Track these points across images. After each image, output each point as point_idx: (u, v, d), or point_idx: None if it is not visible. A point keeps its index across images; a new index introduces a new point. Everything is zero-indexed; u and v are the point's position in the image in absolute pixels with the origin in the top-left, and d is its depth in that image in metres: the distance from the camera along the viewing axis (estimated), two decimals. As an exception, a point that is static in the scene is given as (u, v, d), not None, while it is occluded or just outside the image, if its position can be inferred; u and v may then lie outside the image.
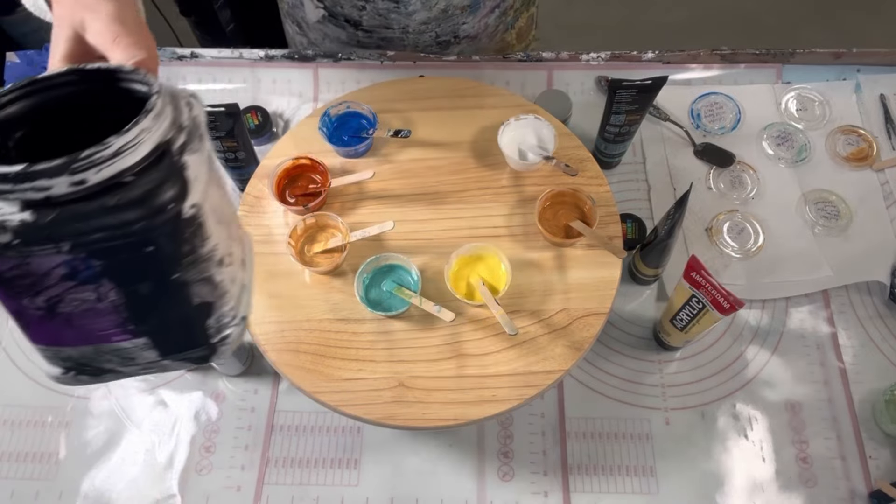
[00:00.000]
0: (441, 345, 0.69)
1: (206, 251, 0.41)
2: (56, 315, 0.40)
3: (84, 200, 0.36)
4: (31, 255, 0.37)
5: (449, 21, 0.92)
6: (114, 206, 0.36)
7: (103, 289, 0.39)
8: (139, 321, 0.42)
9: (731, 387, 0.78)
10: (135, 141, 0.36)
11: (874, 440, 0.75)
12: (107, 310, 0.40)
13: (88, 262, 0.38)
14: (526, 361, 0.67)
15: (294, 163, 0.77)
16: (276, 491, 0.74)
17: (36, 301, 0.39)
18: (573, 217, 0.74)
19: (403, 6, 0.88)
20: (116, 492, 0.74)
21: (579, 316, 0.70)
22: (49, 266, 0.37)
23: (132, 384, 0.79)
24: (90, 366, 0.44)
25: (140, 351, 0.43)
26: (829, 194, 0.89)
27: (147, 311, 0.42)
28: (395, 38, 0.94)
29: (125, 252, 0.38)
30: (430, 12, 0.89)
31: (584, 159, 0.78)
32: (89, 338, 0.42)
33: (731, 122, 0.95)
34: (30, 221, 0.35)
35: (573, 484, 0.73)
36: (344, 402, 0.66)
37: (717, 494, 0.73)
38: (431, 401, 0.66)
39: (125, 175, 0.36)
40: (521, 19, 1.02)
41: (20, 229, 0.35)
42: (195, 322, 0.44)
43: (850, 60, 0.97)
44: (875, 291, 0.83)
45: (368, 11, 0.90)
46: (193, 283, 0.42)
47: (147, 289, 0.40)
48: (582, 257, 0.73)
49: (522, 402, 0.65)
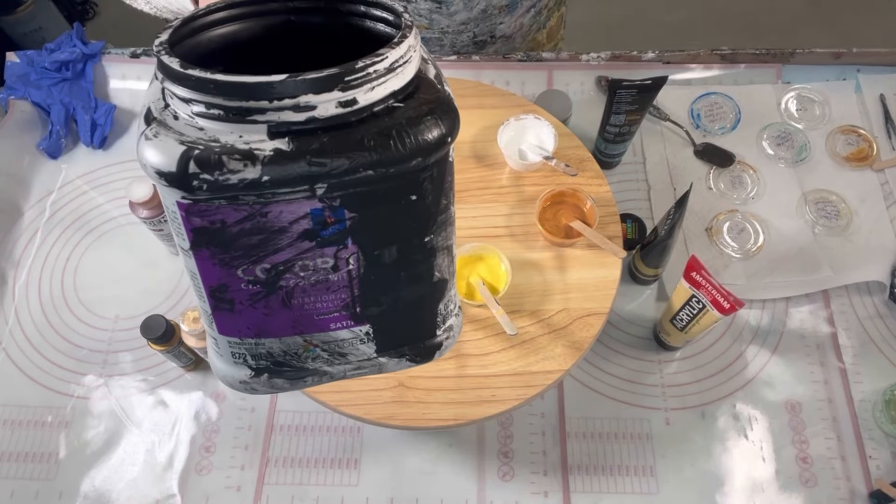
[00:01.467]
0: None
1: (453, 210, 0.35)
2: (274, 291, 0.33)
3: (352, 126, 0.29)
4: (274, 202, 0.29)
5: (487, 21, 0.92)
6: (389, 133, 0.29)
7: (344, 252, 0.32)
8: (370, 301, 0.35)
9: (731, 387, 0.78)
10: (406, 57, 0.30)
11: (874, 440, 0.75)
12: (339, 283, 0.33)
13: (339, 214, 0.31)
14: (526, 361, 0.67)
15: None
16: (276, 491, 0.74)
17: (254, 271, 0.32)
18: (573, 217, 0.74)
19: (446, 7, 0.88)
20: (116, 492, 0.74)
21: (579, 316, 0.70)
22: (291, 218, 0.30)
23: (132, 384, 0.79)
24: (290, 365, 0.37)
25: (357, 343, 0.37)
26: (829, 194, 0.89)
27: (383, 288, 0.35)
28: (432, 38, 0.94)
29: (385, 201, 0.31)
30: (470, 13, 0.89)
31: (584, 159, 0.78)
32: (305, 324, 0.35)
33: (731, 122, 0.95)
34: (286, 151, 0.28)
35: (573, 484, 0.73)
36: (344, 401, 0.66)
37: (717, 494, 0.72)
38: (431, 401, 0.66)
39: (393, 99, 0.30)
40: (553, 19, 1.02)
41: (273, 162, 0.28)
42: (428, 304, 0.37)
43: (850, 60, 0.97)
44: (875, 291, 0.83)
45: (409, 12, 0.90)
46: (440, 251, 0.35)
47: (392, 255, 0.34)
48: (582, 257, 0.73)
49: (522, 402, 0.65)
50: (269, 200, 0.29)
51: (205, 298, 0.34)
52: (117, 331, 0.83)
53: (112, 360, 0.81)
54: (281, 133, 0.28)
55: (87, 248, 0.88)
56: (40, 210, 0.91)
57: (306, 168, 0.28)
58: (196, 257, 0.32)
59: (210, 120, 0.28)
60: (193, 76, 0.27)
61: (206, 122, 0.28)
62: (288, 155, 0.28)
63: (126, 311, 0.84)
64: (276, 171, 0.28)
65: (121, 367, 0.80)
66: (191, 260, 0.32)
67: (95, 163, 0.95)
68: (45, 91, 0.95)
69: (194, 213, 0.30)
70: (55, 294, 0.85)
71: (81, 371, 0.80)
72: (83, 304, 0.85)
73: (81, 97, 0.96)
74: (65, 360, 0.81)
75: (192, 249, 0.32)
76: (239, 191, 0.28)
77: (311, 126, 0.28)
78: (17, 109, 0.95)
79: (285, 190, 0.29)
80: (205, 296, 0.34)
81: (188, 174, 0.28)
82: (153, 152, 0.28)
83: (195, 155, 0.28)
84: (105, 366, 0.81)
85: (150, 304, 0.84)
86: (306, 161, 0.28)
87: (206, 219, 0.30)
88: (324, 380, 0.38)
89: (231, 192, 0.28)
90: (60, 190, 0.93)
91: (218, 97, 0.27)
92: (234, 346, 0.36)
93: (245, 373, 0.37)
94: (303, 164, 0.28)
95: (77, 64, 0.97)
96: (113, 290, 0.85)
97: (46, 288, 0.86)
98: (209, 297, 0.34)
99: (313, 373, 0.38)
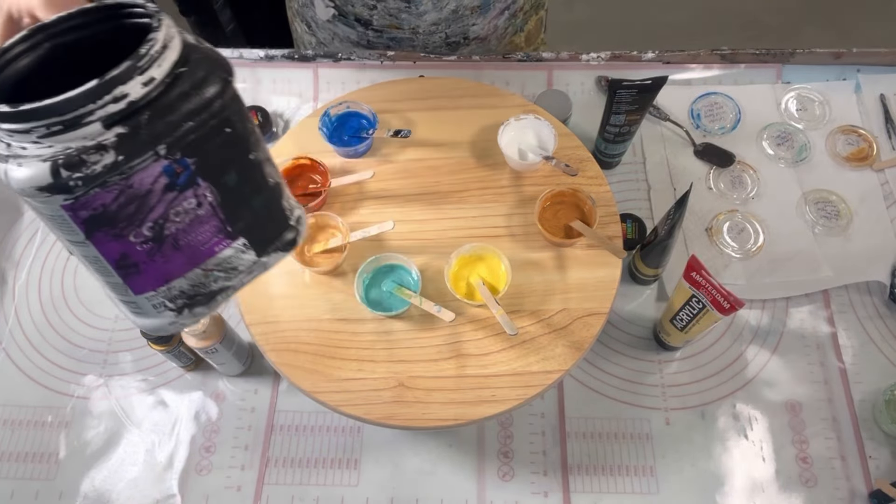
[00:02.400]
0: (441, 345, 0.69)
1: (258, 132, 0.44)
2: (164, 241, 0.41)
3: (161, 96, 0.37)
4: (133, 172, 0.38)
5: (459, 22, 0.92)
6: (189, 90, 0.38)
7: (200, 189, 0.41)
8: (234, 218, 0.44)
9: (731, 387, 0.78)
10: (170, 34, 0.38)
11: (874, 440, 0.75)
12: (207, 215, 0.42)
13: (184, 162, 0.39)
14: (526, 361, 0.67)
15: (294, 163, 0.77)
16: (276, 491, 0.74)
17: (142, 231, 0.40)
18: (573, 217, 0.74)
19: (414, 6, 0.88)
20: (116, 492, 0.74)
21: (579, 316, 0.70)
22: (151, 178, 0.39)
23: (132, 384, 0.79)
24: (201, 293, 0.45)
25: (240, 255, 0.46)
26: (829, 194, 0.89)
27: (238, 205, 0.44)
28: (404, 38, 0.94)
29: (211, 139, 0.40)
30: (440, 13, 0.89)
31: (584, 159, 0.78)
32: (196, 256, 0.44)
33: (731, 122, 0.95)
34: (126, 133, 0.36)
35: (573, 484, 0.73)
36: (344, 402, 0.66)
37: (717, 494, 0.72)
38: (431, 401, 0.66)
39: (179, 66, 0.38)
40: (531, 22, 1.02)
41: (119, 143, 0.36)
42: (276, 204, 0.47)
43: (850, 60, 0.97)
44: (875, 291, 0.83)
45: (379, 11, 0.90)
46: (265, 162, 0.45)
47: (234, 179, 0.43)
48: (582, 257, 0.73)
49: (522, 402, 0.65)
50: (130, 173, 0.37)
51: (112, 273, 0.41)
52: (117, 331, 0.83)
53: (112, 360, 0.81)
54: (114, 122, 0.36)
55: (87, 248, 0.88)
56: (40, 210, 0.91)
57: (145, 138, 0.37)
58: (94, 243, 0.39)
59: (55, 136, 0.35)
60: (26, 109, 0.34)
61: (52, 139, 0.35)
62: (128, 135, 0.36)
63: (126, 311, 0.84)
64: (125, 150, 0.36)
65: (121, 367, 0.80)
66: (90, 247, 0.40)
67: (95, 163, 0.94)
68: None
69: (78, 208, 0.37)
70: (55, 294, 0.85)
71: (81, 371, 0.80)
72: (83, 304, 0.85)
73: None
74: (65, 360, 0.81)
75: (88, 238, 0.39)
76: (105, 176, 0.36)
77: (132, 108, 0.36)
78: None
79: (137, 161, 0.37)
80: (112, 271, 0.41)
81: (62, 179, 0.35)
82: (26, 175, 0.35)
83: (61, 163, 0.35)
84: (105, 366, 0.81)
85: (150, 304, 0.84)
86: (142, 134, 0.37)
87: (88, 209, 0.37)
88: (230, 293, 0.47)
89: (100, 179, 0.36)
90: (60, 190, 0.92)
91: (51, 117, 0.35)
92: (152, 300, 0.44)
93: (169, 316, 0.45)
94: (141, 137, 0.37)
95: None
96: (113, 290, 0.85)
97: (46, 288, 0.86)
98: (116, 270, 0.41)
99: (220, 291, 0.46)
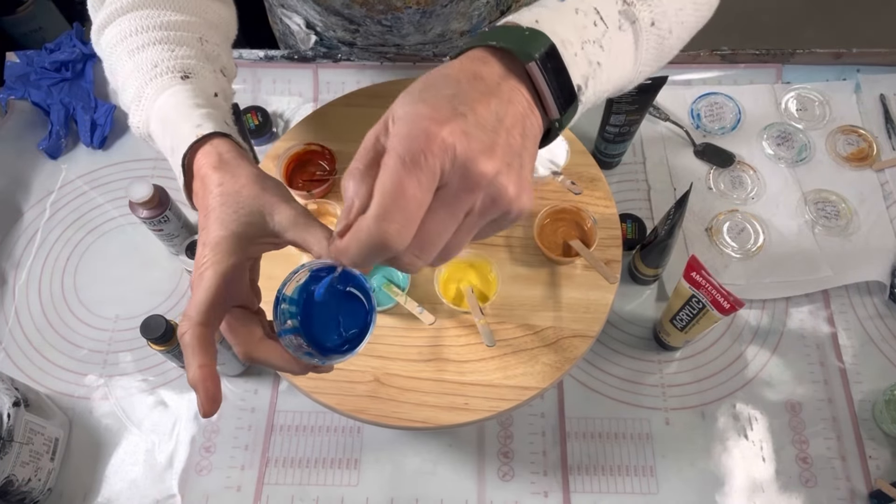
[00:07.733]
0: (422, 346, 0.68)
1: None
2: None
3: None
4: None
5: (447, 43, 0.91)
6: None
7: None
8: None
9: (731, 387, 0.78)
10: None
11: (874, 440, 0.75)
12: None
13: None
14: (504, 374, 0.67)
15: (305, 148, 0.78)
16: (276, 491, 0.74)
17: None
18: (573, 235, 0.73)
19: (396, 30, 0.86)
20: (116, 492, 0.74)
21: (566, 336, 0.68)
22: None
23: (133, 384, 0.79)
24: None
25: None
26: (830, 194, 0.89)
27: None
28: (391, 52, 0.94)
29: None
30: (424, 36, 0.88)
31: (595, 178, 0.77)
32: None
33: (731, 122, 0.95)
34: None
35: (573, 484, 0.73)
36: (317, 389, 0.66)
37: (717, 494, 0.72)
38: (404, 400, 0.65)
39: None
40: None
41: None
42: None
43: (850, 60, 0.97)
44: (875, 291, 0.83)
45: (362, 34, 0.89)
46: None
47: None
48: (577, 277, 0.72)
49: (493, 414, 0.65)
50: None
51: None
52: (117, 331, 0.83)
53: (112, 360, 0.81)
54: None
55: (87, 248, 0.88)
56: (40, 210, 0.91)
57: None
58: None
59: None
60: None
61: None
62: None
63: (126, 311, 0.84)
64: None
65: (121, 367, 0.80)
66: None
67: (95, 163, 0.95)
68: (45, 91, 0.95)
69: None
70: (55, 294, 0.85)
71: (81, 371, 0.80)
72: (83, 304, 0.85)
73: (81, 97, 0.96)
74: (65, 360, 0.81)
75: None
76: None
77: None
78: (17, 109, 0.95)
79: None
80: None
81: None
82: None
83: None
84: (105, 366, 0.81)
85: (150, 304, 0.84)
86: None
87: None
88: None
89: None
90: (60, 190, 0.93)
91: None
92: None
93: None
94: None
95: (77, 64, 0.97)
96: (113, 290, 0.85)
97: (46, 288, 0.86)
98: None
99: None
